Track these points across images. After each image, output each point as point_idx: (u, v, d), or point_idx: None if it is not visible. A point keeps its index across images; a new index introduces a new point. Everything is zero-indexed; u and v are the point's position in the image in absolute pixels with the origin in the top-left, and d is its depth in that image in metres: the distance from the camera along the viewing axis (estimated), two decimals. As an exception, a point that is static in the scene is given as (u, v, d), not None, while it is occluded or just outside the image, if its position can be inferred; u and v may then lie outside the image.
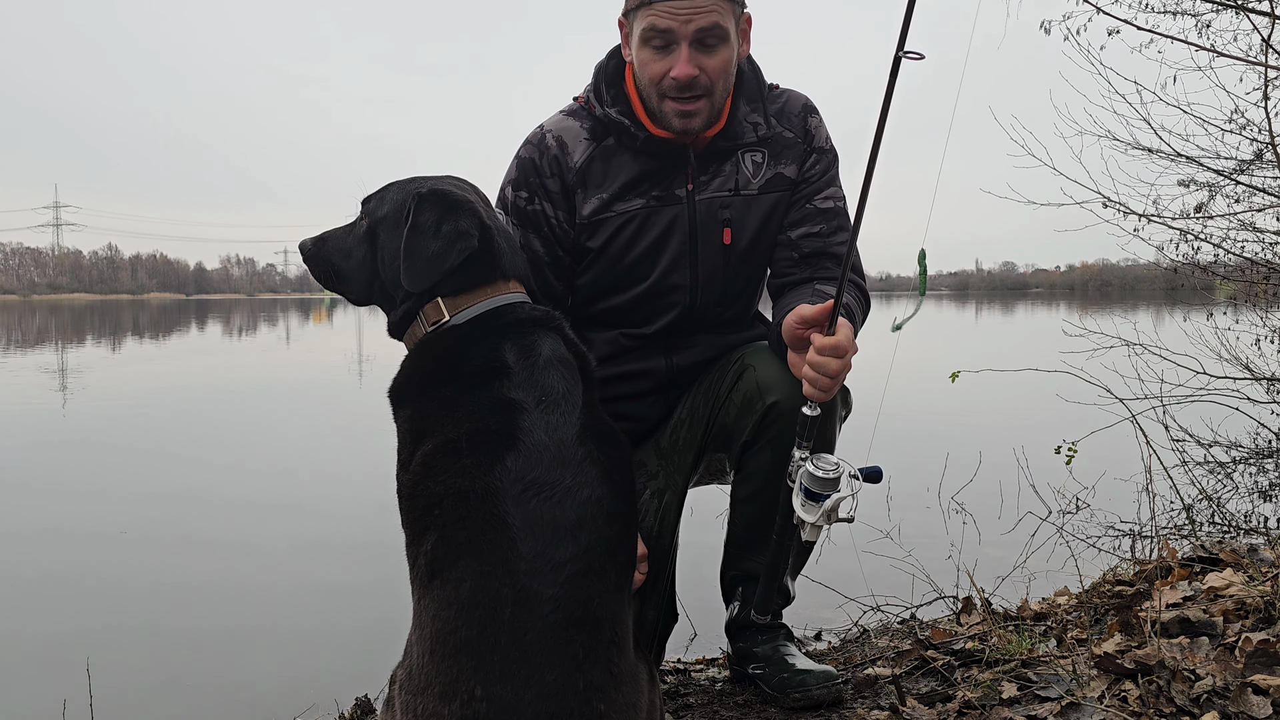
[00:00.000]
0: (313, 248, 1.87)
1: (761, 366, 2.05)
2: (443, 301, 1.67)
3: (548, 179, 2.11)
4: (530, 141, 2.15)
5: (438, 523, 1.40)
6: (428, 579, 1.39)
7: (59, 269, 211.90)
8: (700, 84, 1.97)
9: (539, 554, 1.34)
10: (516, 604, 1.30)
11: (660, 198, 2.11)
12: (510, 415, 1.48)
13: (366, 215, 1.79)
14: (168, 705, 2.99)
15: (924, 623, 2.88)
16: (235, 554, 4.63)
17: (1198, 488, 5.20)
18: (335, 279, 1.85)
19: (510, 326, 1.64)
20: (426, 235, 1.64)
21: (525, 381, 1.54)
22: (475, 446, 1.44)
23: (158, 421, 9.28)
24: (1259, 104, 5.39)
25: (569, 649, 1.29)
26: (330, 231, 1.87)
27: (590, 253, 2.15)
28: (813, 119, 2.19)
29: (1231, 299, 6.97)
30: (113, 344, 23.16)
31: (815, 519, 1.73)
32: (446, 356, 1.61)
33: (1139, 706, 1.79)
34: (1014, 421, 8.06)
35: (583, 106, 2.16)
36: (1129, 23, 4.80)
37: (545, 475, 1.41)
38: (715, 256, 2.14)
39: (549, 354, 1.60)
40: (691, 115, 2.00)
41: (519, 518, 1.36)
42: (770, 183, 2.14)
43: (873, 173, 1.69)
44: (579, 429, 1.50)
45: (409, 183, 1.76)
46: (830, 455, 1.78)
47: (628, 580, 1.49)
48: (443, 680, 1.28)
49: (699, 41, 1.94)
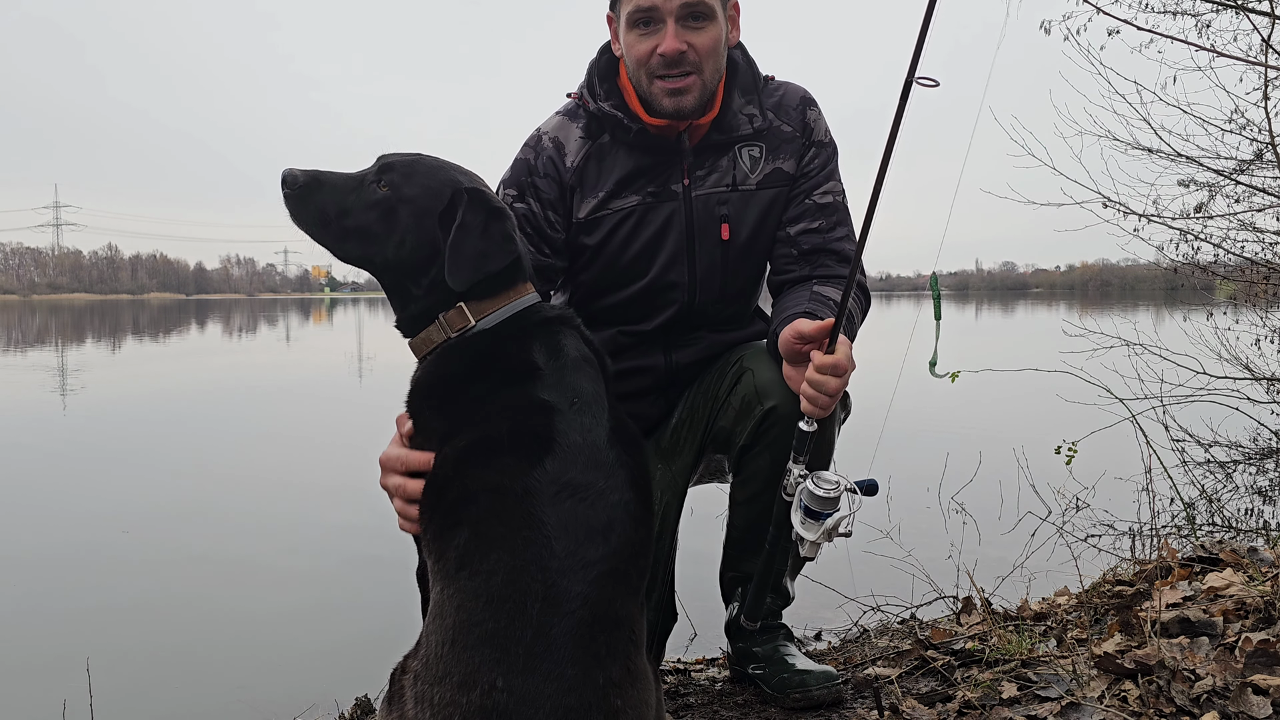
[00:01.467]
0: (304, 187, 1.66)
1: (760, 370, 2.04)
2: (467, 307, 1.64)
3: (540, 179, 2.11)
4: (528, 144, 2.16)
5: (471, 517, 1.42)
6: (455, 570, 1.40)
7: (59, 269, 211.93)
8: (688, 60, 1.97)
9: (571, 553, 1.37)
10: (546, 600, 1.32)
11: (656, 193, 2.10)
12: (546, 417, 1.50)
13: (388, 184, 1.65)
14: (168, 705, 2.99)
15: (924, 623, 2.88)
16: (236, 554, 4.63)
17: (1198, 488, 5.20)
18: (321, 231, 1.68)
19: (537, 326, 1.64)
20: (473, 235, 1.62)
21: (557, 383, 1.55)
22: (515, 447, 1.47)
23: (158, 421, 9.28)
24: (1259, 104, 5.40)
25: (592, 646, 1.32)
26: (327, 175, 1.68)
27: (588, 250, 2.15)
28: (811, 111, 2.17)
29: (1231, 299, 6.97)
30: (113, 344, 23.16)
31: (816, 537, 1.73)
32: (477, 359, 1.61)
33: (1139, 706, 1.79)
34: (1014, 421, 8.06)
35: (577, 103, 2.16)
36: (1129, 23, 4.80)
37: (580, 477, 1.44)
38: (713, 253, 2.14)
39: (576, 354, 1.62)
40: (682, 93, 1.99)
41: (554, 517, 1.39)
42: (768, 178, 2.13)
43: (878, 197, 1.68)
44: (609, 432, 1.53)
45: (440, 169, 1.69)
46: (829, 473, 1.77)
47: (645, 582, 1.52)
48: (462, 670, 1.29)
49: (685, 18, 1.95)
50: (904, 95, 1.65)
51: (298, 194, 1.66)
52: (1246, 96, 7.37)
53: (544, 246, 2.12)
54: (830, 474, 1.76)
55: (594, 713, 1.28)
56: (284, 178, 1.66)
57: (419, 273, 1.66)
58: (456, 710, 1.27)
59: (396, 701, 1.40)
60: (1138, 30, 4.95)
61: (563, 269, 2.18)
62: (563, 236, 2.14)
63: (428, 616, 1.45)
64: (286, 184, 1.66)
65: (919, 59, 1.62)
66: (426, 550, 1.52)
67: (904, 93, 1.64)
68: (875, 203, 1.70)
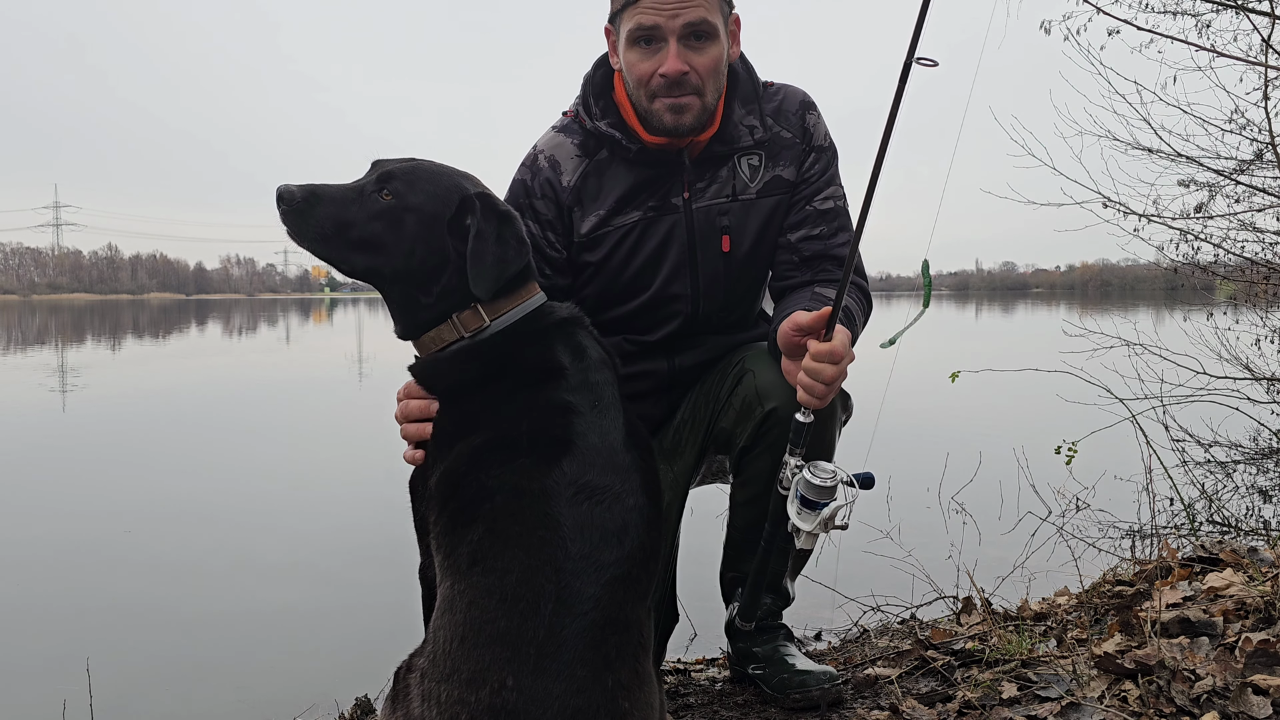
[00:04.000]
0: (302, 203, 1.60)
1: (760, 371, 2.04)
2: (482, 308, 1.63)
3: (538, 200, 2.09)
4: (524, 164, 2.13)
5: (487, 515, 1.43)
6: (467, 567, 1.40)
7: (59, 269, 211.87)
8: (690, 82, 1.93)
9: (585, 555, 1.38)
10: (559, 600, 1.33)
11: (657, 208, 2.09)
12: (568, 418, 1.51)
13: (391, 193, 1.61)
14: (168, 705, 2.99)
15: (924, 623, 2.88)
16: (236, 554, 4.63)
17: (1198, 488, 5.20)
18: (322, 245, 1.63)
19: (555, 327, 1.65)
20: (489, 242, 1.61)
21: (581, 384, 1.57)
22: (535, 447, 1.47)
23: (158, 421, 9.28)
24: (1259, 104, 5.40)
25: (602, 648, 1.32)
26: (325, 188, 1.63)
27: (590, 267, 2.13)
28: (811, 116, 2.15)
29: (1231, 299, 6.97)
30: (113, 344, 23.15)
31: (812, 527, 1.73)
32: (496, 358, 1.61)
33: (1139, 706, 1.79)
34: (1014, 421, 8.06)
35: (573, 120, 2.13)
36: (1129, 23, 4.80)
37: (597, 480, 1.45)
38: (715, 264, 2.12)
39: (597, 356, 1.63)
40: (682, 110, 1.96)
41: (570, 519, 1.40)
42: (769, 186, 2.12)
43: (877, 179, 1.67)
44: (624, 435, 1.54)
45: (442, 175, 1.67)
46: (826, 463, 1.76)
47: (653, 586, 1.52)
48: (471, 667, 1.30)
49: (687, 37, 1.91)
50: (903, 76, 1.62)
51: (296, 210, 1.60)
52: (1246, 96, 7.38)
53: (545, 267, 2.09)
54: (827, 464, 1.76)
55: (602, 714, 1.29)
56: (279, 194, 1.60)
57: (430, 281, 1.63)
58: (464, 708, 1.27)
59: (401, 700, 1.39)
60: (1138, 30, 4.95)
61: (565, 288, 2.15)
62: (563, 256, 2.12)
63: (435, 612, 1.44)
64: (283, 200, 1.60)
65: (918, 39, 1.60)
66: (435, 545, 1.51)
67: (903, 73, 1.62)
68: (874, 184, 1.68)
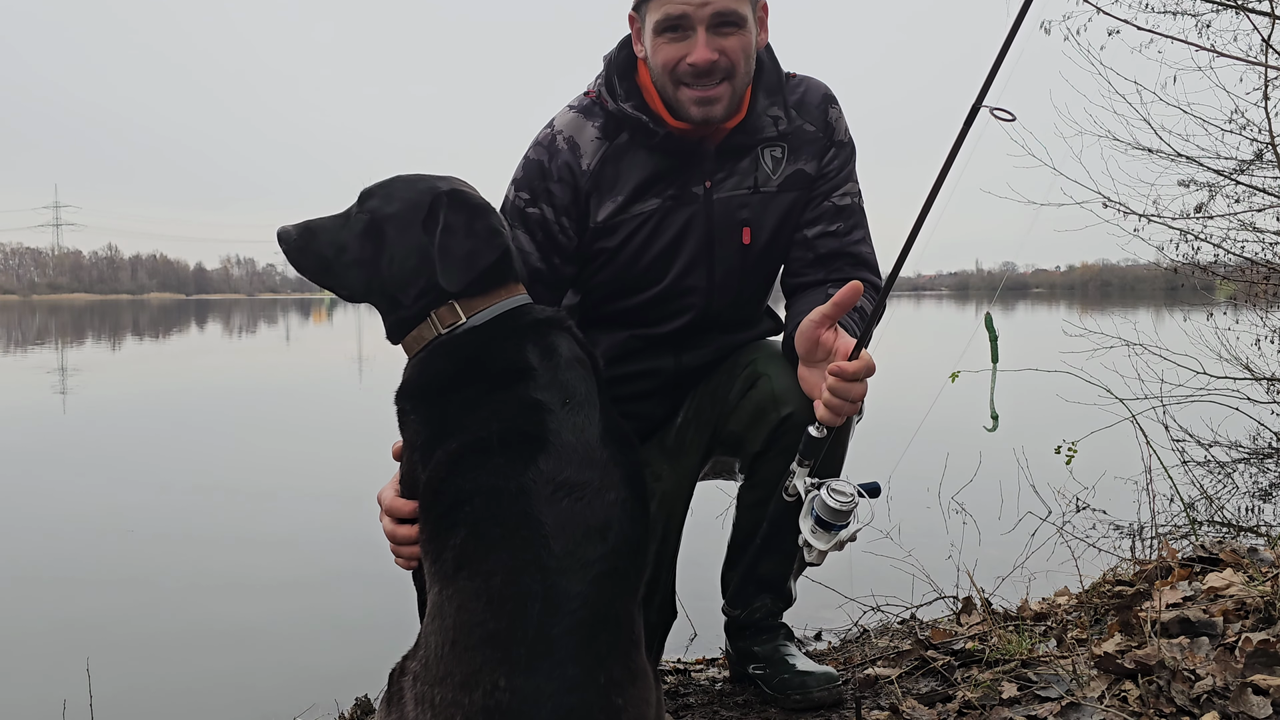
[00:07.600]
0: (298, 239, 1.72)
1: (776, 376, 2.01)
2: (458, 304, 1.64)
3: (554, 184, 2.02)
4: (540, 143, 2.05)
5: (468, 519, 1.42)
6: (453, 572, 1.40)
7: (59, 269, 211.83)
8: (720, 66, 1.88)
9: (569, 552, 1.37)
10: (546, 600, 1.32)
11: (676, 196, 2.03)
12: (538, 416, 1.50)
13: (368, 211, 1.69)
14: (168, 705, 2.99)
15: (924, 623, 2.88)
16: (236, 554, 4.63)
17: (1198, 488, 5.20)
18: (326, 274, 1.73)
19: (529, 327, 1.64)
20: (459, 235, 1.62)
21: (550, 383, 1.55)
22: (507, 446, 1.46)
23: (158, 421, 9.27)
24: (1259, 104, 5.41)
25: (593, 645, 1.32)
26: (317, 222, 1.73)
27: (605, 253, 2.07)
28: (833, 110, 2.11)
29: (1231, 299, 6.97)
30: (113, 344, 23.14)
31: (827, 547, 1.69)
32: (468, 357, 1.60)
33: (1139, 706, 1.79)
34: (1014, 421, 8.04)
35: (594, 101, 2.05)
36: (1129, 23, 4.81)
37: (575, 476, 1.44)
38: (733, 258, 2.08)
39: (568, 355, 1.62)
40: (712, 102, 1.91)
41: (551, 517, 1.39)
42: (789, 180, 2.07)
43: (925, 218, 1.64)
44: (601, 431, 1.53)
45: (417, 180, 1.70)
46: (844, 484, 1.69)
47: (643, 580, 1.52)
48: (463, 670, 1.29)
49: (715, 26, 1.86)
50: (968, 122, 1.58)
51: (296, 247, 1.73)
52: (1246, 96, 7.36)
53: (554, 256, 2.05)
54: (845, 485, 1.69)
55: (596, 711, 1.29)
56: (279, 236, 1.73)
57: (409, 285, 1.66)
58: (459, 710, 1.27)
59: (396, 703, 1.39)
60: (1138, 30, 4.95)
61: (572, 276, 2.11)
62: (574, 243, 2.06)
63: (426, 618, 1.45)
64: (283, 241, 1.73)
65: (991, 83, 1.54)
66: (423, 552, 1.52)
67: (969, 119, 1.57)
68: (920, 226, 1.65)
